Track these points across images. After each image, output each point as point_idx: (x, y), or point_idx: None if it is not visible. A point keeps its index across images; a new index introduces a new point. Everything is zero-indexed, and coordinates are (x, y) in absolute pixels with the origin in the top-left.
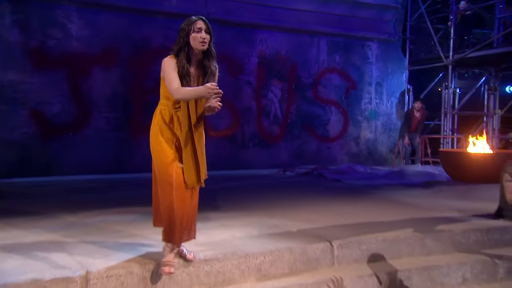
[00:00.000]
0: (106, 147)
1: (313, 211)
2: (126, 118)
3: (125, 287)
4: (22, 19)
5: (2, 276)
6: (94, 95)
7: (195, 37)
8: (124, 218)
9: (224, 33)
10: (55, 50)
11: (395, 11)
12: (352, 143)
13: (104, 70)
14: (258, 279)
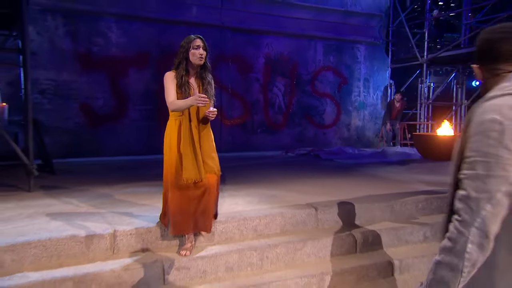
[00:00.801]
0: (139, 134)
1: (307, 184)
2: (156, 110)
3: (145, 243)
4: (73, 30)
5: (48, 233)
6: (130, 91)
7: (194, 53)
8: (149, 189)
9: (236, 39)
10: (98, 55)
11: (379, 19)
12: (344, 129)
13: (137, 71)
14: (254, 237)
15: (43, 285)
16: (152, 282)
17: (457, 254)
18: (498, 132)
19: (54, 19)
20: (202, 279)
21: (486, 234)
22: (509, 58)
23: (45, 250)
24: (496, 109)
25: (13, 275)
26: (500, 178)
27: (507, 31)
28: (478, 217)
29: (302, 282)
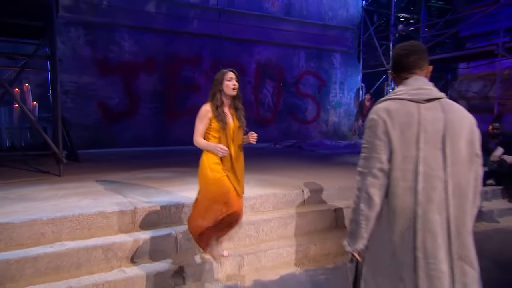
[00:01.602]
0: (150, 128)
1: (294, 170)
2: (163, 107)
3: (160, 218)
4: (92, 40)
5: (80, 209)
6: (141, 91)
7: (227, 84)
8: (161, 175)
9: (232, 47)
10: (113, 61)
11: (352, 31)
12: (323, 125)
13: (147, 74)
14: (251, 214)
15: (78, 252)
16: (167, 250)
17: (356, 212)
18: (374, 127)
19: (76, 30)
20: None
21: (370, 196)
22: (407, 68)
23: (79, 224)
24: (376, 111)
25: (54, 243)
26: (375, 159)
27: (407, 49)
28: (364, 185)
29: (292, 250)
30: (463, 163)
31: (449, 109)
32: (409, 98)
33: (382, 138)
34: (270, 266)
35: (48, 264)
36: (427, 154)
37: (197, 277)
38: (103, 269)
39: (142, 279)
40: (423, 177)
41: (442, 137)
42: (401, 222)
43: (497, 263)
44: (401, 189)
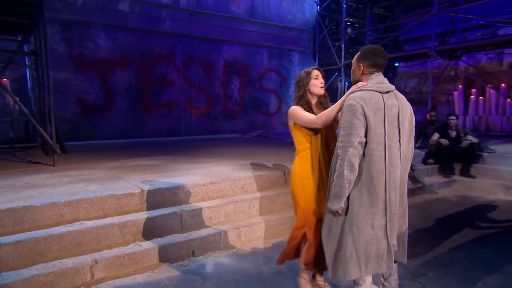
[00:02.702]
0: (126, 121)
1: (270, 155)
2: (138, 102)
3: (164, 199)
4: (67, 37)
5: (91, 193)
6: (116, 87)
7: (314, 83)
8: (151, 162)
9: (201, 45)
10: (89, 57)
11: (308, 33)
12: (284, 117)
13: (122, 70)
14: (242, 193)
15: (97, 229)
16: (173, 226)
17: (341, 177)
18: (354, 110)
19: (52, 28)
20: (209, 223)
21: (352, 164)
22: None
23: (93, 205)
24: (354, 98)
25: (74, 223)
26: (355, 135)
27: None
28: (347, 155)
29: (280, 222)
30: (407, 137)
31: (399, 98)
32: (376, 90)
33: (360, 118)
34: (263, 236)
35: (71, 240)
36: (389, 131)
37: (202, 249)
38: (120, 244)
39: (156, 251)
40: (388, 148)
41: (397, 118)
42: (376, 181)
43: (440, 225)
44: (376, 158)
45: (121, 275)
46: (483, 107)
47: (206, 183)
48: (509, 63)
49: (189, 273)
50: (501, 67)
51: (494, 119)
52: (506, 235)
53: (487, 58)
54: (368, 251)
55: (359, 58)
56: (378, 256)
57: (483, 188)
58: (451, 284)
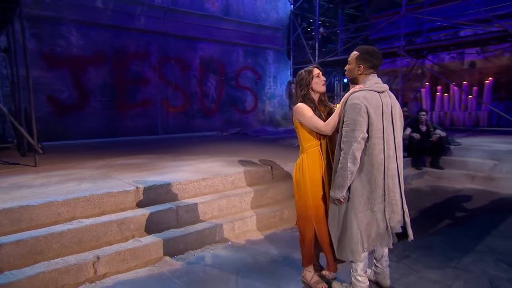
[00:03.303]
0: (101, 120)
1: (253, 152)
2: (114, 100)
3: (158, 195)
4: (37, 33)
5: (86, 191)
6: (91, 85)
7: (317, 82)
8: (137, 161)
9: (177, 43)
10: (61, 54)
11: (282, 31)
12: (260, 114)
13: (96, 68)
14: (232, 188)
15: (96, 226)
16: (169, 221)
17: (344, 169)
18: (358, 109)
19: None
20: (203, 217)
21: (355, 157)
22: (375, 67)
23: (90, 203)
24: (358, 97)
25: (72, 221)
26: (359, 131)
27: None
28: (351, 149)
29: (270, 215)
30: (399, 130)
31: (391, 96)
32: (374, 90)
33: (364, 116)
34: (255, 228)
35: (71, 238)
36: (386, 126)
37: (199, 242)
38: (119, 240)
39: (155, 246)
40: (386, 141)
41: (391, 114)
42: (377, 171)
43: (416, 213)
44: (377, 151)
45: (123, 270)
46: (447, 103)
47: (198, 179)
48: (470, 62)
49: (189, 265)
50: (463, 66)
51: (458, 114)
52: (474, 220)
53: (450, 57)
54: (369, 231)
55: (359, 59)
56: (378, 235)
57: (452, 178)
58: (431, 263)
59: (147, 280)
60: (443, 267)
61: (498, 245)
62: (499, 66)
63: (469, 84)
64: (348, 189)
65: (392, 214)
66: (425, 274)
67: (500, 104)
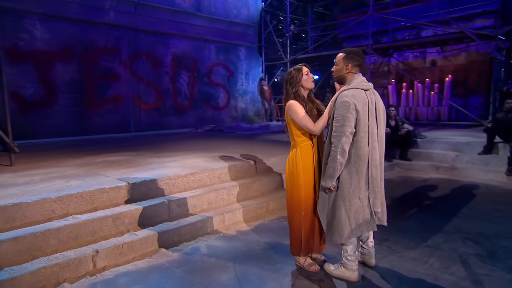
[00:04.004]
0: (70, 118)
1: (233, 147)
2: (83, 97)
3: (149, 190)
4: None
5: (78, 188)
6: (58, 81)
7: (306, 79)
8: (118, 158)
9: (148, 39)
10: (25, 49)
11: (254, 28)
12: (233, 110)
13: (63, 63)
14: (219, 182)
15: (92, 222)
16: (162, 215)
17: (334, 160)
18: (347, 106)
19: None
20: (194, 211)
21: (344, 150)
22: (360, 66)
23: (83, 199)
24: (347, 95)
25: (67, 217)
26: (348, 126)
27: (363, 56)
28: (340, 142)
29: (257, 206)
30: (382, 124)
31: (375, 94)
32: (361, 88)
33: (353, 113)
34: (243, 219)
35: (68, 234)
36: (371, 121)
37: (192, 234)
38: (114, 235)
39: (151, 239)
40: (371, 134)
41: (375, 110)
42: (363, 162)
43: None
44: (363, 144)
45: (122, 262)
46: (412, 99)
47: (187, 174)
48: (431, 61)
49: (186, 255)
50: (425, 64)
51: (422, 109)
52: (441, 205)
53: (414, 56)
54: (357, 217)
55: (346, 59)
56: (364, 220)
57: (419, 169)
58: (409, 244)
59: (147, 270)
60: (419, 247)
61: (463, 226)
62: (456, 65)
63: (431, 81)
64: (337, 179)
65: (375, 200)
66: (404, 254)
67: (458, 100)
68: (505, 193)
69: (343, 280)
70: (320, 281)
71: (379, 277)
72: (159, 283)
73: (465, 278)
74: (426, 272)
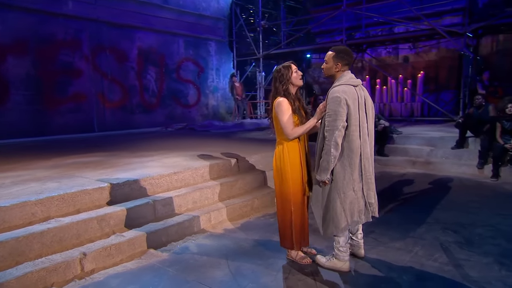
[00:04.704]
0: (25, 117)
1: (210, 146)
2: (40, 94)
3: (132, 190)
4: None
5: (58, 190)
6: (10, 77)
7: (296, 76)
8: (92, 159)
9: (112, 32)
10: None
11: (224, 22)
12: (204, 108)
13: (17, 57)
14: (202, 181)
15: (77, 224)
16: (147, 215)
17: (328, 154)
18: (338, 101)
19: None
20: (179, 210)
21: (337, 143)
22: (349, 64)
23: (64, 202)
24: (338, 91)
25: (50, 220)
26: (340, 120)
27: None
28: (333, 136)
29: (242, 204)
30: (371, 119)
31: (363, 90)
32: (351, 84)
33: (344, 108)
34: (230, 218)
35: (52, 237)
36: (361, 115)
37: (180, 234)
38: (100, 237)
39: (139, 240)
40: (361, 128)
41: (364, 105)
42: (355, 155)
43: None
44: (355, 137)
45: (110, 264)
46: (386, 95)
47: (170, 173)
48: (403, 57)
49: (177, 255)
50: (398, 60)
51: (395, 105)
52: (419, 198)
53: (386, 52)
54: (352, 208)
55: (336, 58)
56: (359, 212)
57: (396, 164)
58: (394, 235)
59: (138, 271)
60: (403, 238)
61: (442, 217)
62: (427, 61)
63: (404, 77)
64: (331, 173)
65: (369, 191)
66: (390, 244)
67: (430, 95)
68: (477, 185)
69: (335, 270)
70: (313, 273)
71: (369, 267)
72: (153, 282)
73: (447, 263)
74: (413, 260)
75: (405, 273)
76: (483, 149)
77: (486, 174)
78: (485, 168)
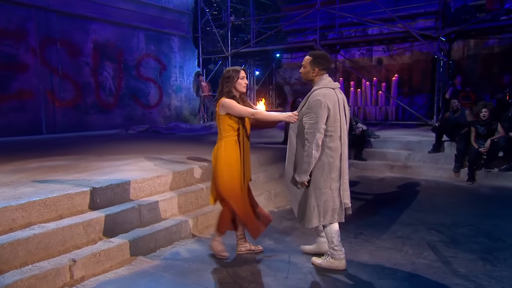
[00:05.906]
0: None
1: (183, 150)
2: None
3: (116, 195)
4: None
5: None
6: None
7: (240, 83)
8: (58, 163)
9: (63, 22)
10: None
11: (188, 16)
12: (166, 109)
13: None
14: (185, 185)
15: (62, 230)
16: (133, 221)
17: (309, 156)
18: (319, 104)
19: None
20: (165, 215)
21: (318, 144)
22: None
23: (46, 207)
24: (319, 94)
25: (32, 226)
26: (321, 122)
27: (329, 58)
28: (314, 138)
29: None
30: (348, 121)
31: (340, 92)
32: (331, 87)
33: (325, 110)
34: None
35: (38, 244)
36: (341, 117)
37: (168, 239)
38: (86, 243)
39: (127, 246)
40: (341, 129)
41: (343, 107)
42: (335, 155)
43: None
44: (335, 138)
45: (100, 271)
46: (360, 98)
47: (153, 176)
48: (377, 59)
49: (168, 260)
50: (371, 62)
51: (370, 109)
52: (401, 201)
53: (360, 54)
54: (326, 206)
55: (313, 63)
56: (333, 210)
57: (374, 168)
58: (382, 236)
59: (132, 277)
60: (392, 238)
61: (425, 218)
62: (401, 64)
63: (378, 80)
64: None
65: (345, 192)
66: (380, 244)
67: (404, 99)
68: (454, 188)
69: (332, 269)
70: (312, 273)
71: (363, 266)
72: (150, 286)
73: (436, 260)
74: (403, 258)
75: (398, 270)
76: (459, 152)
77: (462, 177)
78: (461, 172)
